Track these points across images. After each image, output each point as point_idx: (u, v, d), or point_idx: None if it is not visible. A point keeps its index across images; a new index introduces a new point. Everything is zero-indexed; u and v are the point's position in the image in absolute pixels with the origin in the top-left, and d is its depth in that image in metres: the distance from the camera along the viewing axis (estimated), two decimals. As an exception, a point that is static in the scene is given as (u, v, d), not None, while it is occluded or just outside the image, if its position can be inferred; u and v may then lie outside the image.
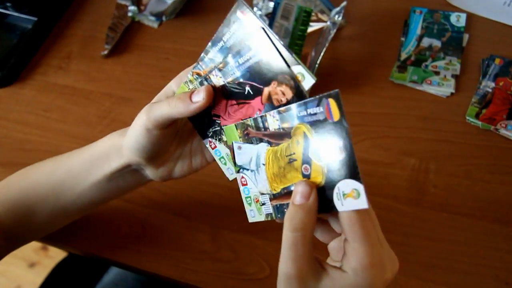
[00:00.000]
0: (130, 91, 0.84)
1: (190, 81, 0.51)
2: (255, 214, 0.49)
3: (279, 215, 0.46)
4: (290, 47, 0.77)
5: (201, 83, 0.50)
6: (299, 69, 0.43)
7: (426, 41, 0.81)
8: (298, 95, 0.44)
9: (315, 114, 0.40)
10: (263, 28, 0.45)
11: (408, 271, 0.62)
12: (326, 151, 0.40)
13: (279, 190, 0.46)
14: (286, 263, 0.40)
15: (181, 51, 0.88)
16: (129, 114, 0.81)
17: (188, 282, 0.64)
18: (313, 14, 0.79)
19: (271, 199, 0.47)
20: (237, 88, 0.48)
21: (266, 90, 0.46)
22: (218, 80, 0.49)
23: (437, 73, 0.77)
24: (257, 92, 0.46)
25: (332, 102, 0.39)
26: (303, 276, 0.39)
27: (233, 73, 0.47)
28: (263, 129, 0.45)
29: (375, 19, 0.87)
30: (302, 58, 0.81)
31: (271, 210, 0.47)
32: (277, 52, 0.44)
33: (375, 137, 0.73)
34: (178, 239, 0.68)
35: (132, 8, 0.92)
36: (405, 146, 0.72)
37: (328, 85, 0.78)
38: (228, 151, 0.51)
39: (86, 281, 0.92)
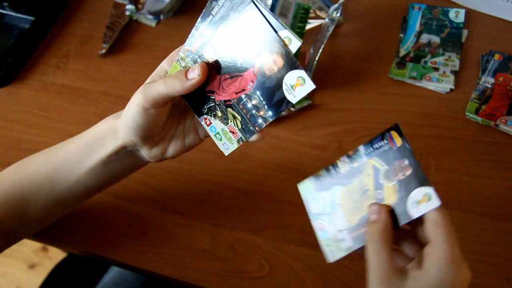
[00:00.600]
0: (128, 90, 0.82)
1: (182, 58, 0.52)
2: (334, 253, 0.51)
3: (358, 245, 0.49)
4: (289, 44, 0.77)
5: (194, 61, 0.51)
6: (285, 33, 0.45)
7: (425, 37, 0.81)
8: (289, 62, 0.45)
9: (381, 147, 0.47)
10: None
11: (409, 268, 0.62)
12: (395, 172, 0.46)
13: (357, 222, 0.50)
14: (373, 271, 0.44)
15: (179, 49, 0.88)
16: (127, 113, 0.81)
17: (187, 281, 0.64)
18: (311, 11, 0.79)
19: (350, 232, 0.50)
20: (230, 62, 0.49)
21: (258, 61, 0.47)
22: (211, 55, 0.49)
23: (436, 69, 0.77)
24: (249, 64, 0.47)
25: (394, 133, 0.46)
26: (390, 278, 0.44)
27: (226, 47, 0.48)
28: (335, 174, 0.50)
29: (373, 15, 0.87)
30: (301, 55, 0.80)
31: (350, 243, 0.50)
32: (267, 23, 0.45)
33: (375, 134, 0.72)
34: (177, 238, 0.67)
35: (129, 6, 0.92)
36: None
37: (327, 82, 0.78)
38: (223, 126, 0.52)
39: (86, 281, 0.92)
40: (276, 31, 0.45)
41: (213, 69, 0.50)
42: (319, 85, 0.52)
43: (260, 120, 0.49)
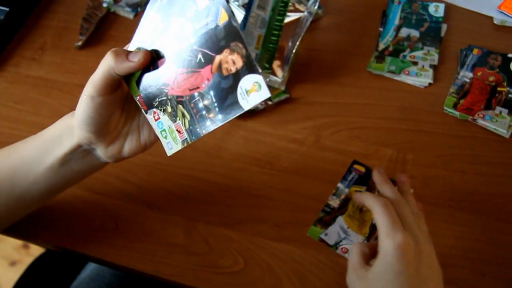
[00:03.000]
0: None
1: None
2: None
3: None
4: (267, 37, 0.76)
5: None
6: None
7: (404, 31, 0.80)
8: (248, 64, 0.43)
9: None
10: None
11: (384, 262, 0.61)
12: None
13: (368, 232, 0.63)
14: (350, 267, 0.52)
15: (157, 42, 0.86)
16: (103, 106, 0.80)
17: (161, 276, 0.63)
18: (290, 4, 0.78)
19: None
20: (189, 56, 0.47)
21: (217, 58, 0.45)
22: (172, 46, 0.47)
23: (415, 64, 0.77)
24: (208, 61, 0.45)
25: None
26: (357, 271, 0.51)
27: (188, 39, 0.46)
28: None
29: (353, 9, 0.86)
30: (279, 49, 0.79)
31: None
32: (232, 19, 0.43)
33: (353, 127, 0.72)
34: (151, 232, 0.66)
35: (107, -2, 0.91)
36: (383, 137, 0.71)
37: (305, 75, 0.77)
38: (171, 123, 0.50)
39: (63, 277, 0.91)
40: (240, 27, 0.43)
41: (171, 61, 0.48)
42: (297, 78, 0.51)
43: (208, 123, 0.47)
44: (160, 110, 0.50)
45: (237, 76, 0.44)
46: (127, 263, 0.64)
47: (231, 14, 0.43)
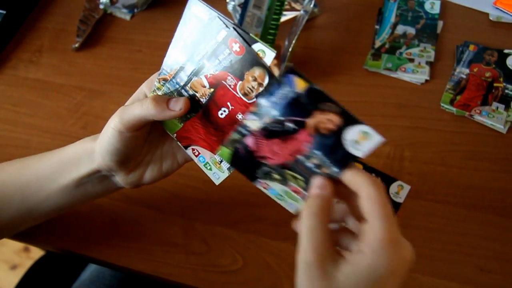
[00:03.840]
0: (102, 84, 0.83)
1: (158, 88, 0.50)
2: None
3: None
4: (263, 37, 0.76)
5: (179, 94, 0.49)
6: (259, 46, 0.43)
7: (400, 29, 0.81)
8: (347, 119, 0.41)
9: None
10: (219, 18, 0.44)
11: (383, 259, 0.61)
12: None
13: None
14: (305, 251, 0.40)
15: (153, 43, 0.87)
16: (100, 107, 0.80)
17: (160, 276, 0.63)
18: (286, 3, 0.78)
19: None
20: (278, 127, 0.45)
21: (311, 121, 0.43)
22: (254, 123, 0.46)
23: (411, 60, 0.77)
24: (301, 125, 0.43)
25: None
26: (323, 262, 0.39)
27: (270, 113, 0.44)
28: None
29: (349, 7, 0.86)
30: (276, 48, 0.79)
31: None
32: (310, 84, 0.41)
33: (350, 125, 0.72)
34: (150, 232, 0.66)
35: (104, 0, 0.91)
36: (380, 134, 0.71)
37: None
38: (284, 187, 0.48)
39: (64, 279, 0.91)
40: (249, 44, 0.42)
41: (260, 136, 0.46)
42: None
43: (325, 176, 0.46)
44: (267, 180, 0.49)
45: (339, 132, 0.42)
46: (127, 263, 0.65)
47: (308, 80, 0.41)
